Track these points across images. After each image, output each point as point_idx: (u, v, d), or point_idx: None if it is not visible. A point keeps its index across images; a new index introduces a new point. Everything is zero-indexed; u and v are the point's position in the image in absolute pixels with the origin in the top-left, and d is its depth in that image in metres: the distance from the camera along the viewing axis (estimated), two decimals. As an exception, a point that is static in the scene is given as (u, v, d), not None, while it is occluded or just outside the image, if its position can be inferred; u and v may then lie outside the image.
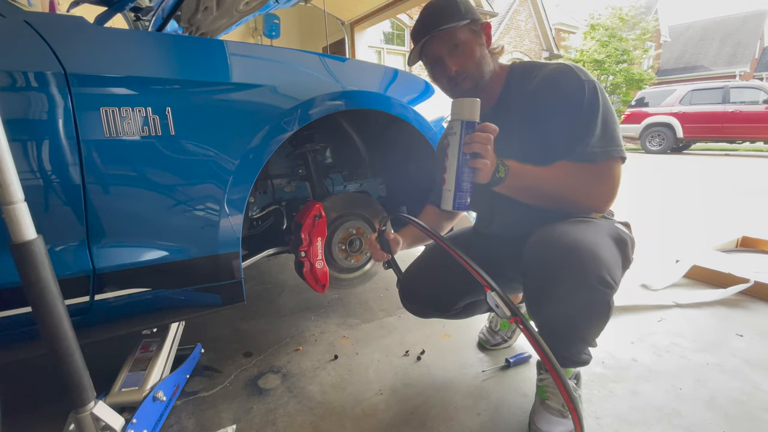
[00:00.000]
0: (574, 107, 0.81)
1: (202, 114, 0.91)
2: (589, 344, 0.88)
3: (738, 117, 7.47)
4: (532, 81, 0.87)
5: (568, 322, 0.82)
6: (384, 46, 8.50)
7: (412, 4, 5.04)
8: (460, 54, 0.88)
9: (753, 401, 0.98)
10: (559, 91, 0.83)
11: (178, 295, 0.97)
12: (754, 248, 2.15)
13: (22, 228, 0.62)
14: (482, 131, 0.76)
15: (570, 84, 0.81)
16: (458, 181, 0.78)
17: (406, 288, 1.07)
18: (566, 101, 0.82)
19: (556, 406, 0.89)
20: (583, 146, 0.80)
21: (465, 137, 0.76)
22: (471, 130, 0.76)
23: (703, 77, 15.94)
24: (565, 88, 0.82)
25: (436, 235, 0.81)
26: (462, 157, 0.77)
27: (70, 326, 0.67)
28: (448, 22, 0.85)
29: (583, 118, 0.80)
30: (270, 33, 4.28)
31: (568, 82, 0.82)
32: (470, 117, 0.77)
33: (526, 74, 0.89)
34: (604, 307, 0.78)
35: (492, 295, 0.71)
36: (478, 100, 0.77)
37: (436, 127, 1.35)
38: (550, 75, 0.85)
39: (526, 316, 1.08)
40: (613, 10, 14.04)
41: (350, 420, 0.95)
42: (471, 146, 0.76)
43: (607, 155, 0.80)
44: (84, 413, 0.71)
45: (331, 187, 1.55)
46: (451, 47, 0.88)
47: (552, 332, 0.87)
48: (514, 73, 0.93)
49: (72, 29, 0.83)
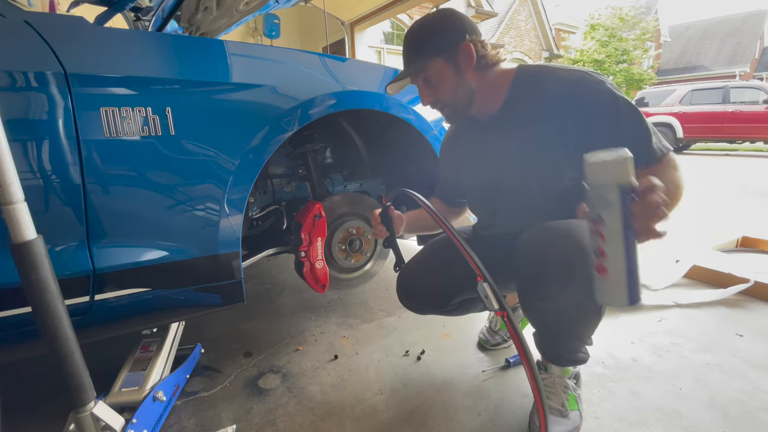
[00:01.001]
0: (612, 117, 0.76)
1: (202, 114, 0.91)
2: (584, 342, 0.89)
3: (738, 117, 7.47)
4: (546, 90, 0.82)
5: (559, 319, 0.83)
6: (384, 46, 8.49)
7: (412, 4, 5.04)
8: (432, 87, 0.88)
9: (753, 401, 0.98)
10: (590, 104, 0.77)
11: (178, 295, 0.97)
12: (754, 248, 2.15)
13: (22, 228, 0.62)
14: (652, 191, 0.55)
15: (598, 94, 0.77)
16: (630, 268, 0.56)
17: (404, 284, 1.07)
18: (601, 113, 0.76)
19: (555, 406, 0.89)
20: (645, 150, 0.74)
21: (630, 206, 0.55)
22: (631, 194, 0.55)
23: (703, 77, 15.94)
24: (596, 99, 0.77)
25: (437, 214, 0.80)
26: (630, 234, 0.56)
27: (70, 326, 0.67)
28: (415, 61, 0.86)
29: (630, 124, 0.75)
30: (270, 33, 4.28)
31: (594, 91, 0.77)
32: (627, 178, 0.55)
33: (536, 81, 0.84)
34: (594, 305, 0.78)
35: (483, 286, 0.71)
36: (630, 155, 0.55)
37: (436, 127, 1.35)
38: (570, 88, 0.79)
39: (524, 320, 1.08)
40: (613, 10, 14.04)
41: (350, 420, 0.95)
42: (649, 215, 0.55)
43: (666, 148, 0.76)
44: (84, 413, 0.71)
45: (331, 187, 1.55)
46: (422, 81, 0.88)
47: (546, 330, 0.88)
48: (521, 79, 0.88)
49: (72, 29, 0.83)
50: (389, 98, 1.24)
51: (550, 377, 0.92)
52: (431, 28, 0.86)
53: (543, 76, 0.84)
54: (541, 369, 0.95)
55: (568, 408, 0.88)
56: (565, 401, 0.89)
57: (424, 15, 0.91)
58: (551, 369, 0.92)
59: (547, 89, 0.81)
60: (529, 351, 0.67)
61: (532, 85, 0.85)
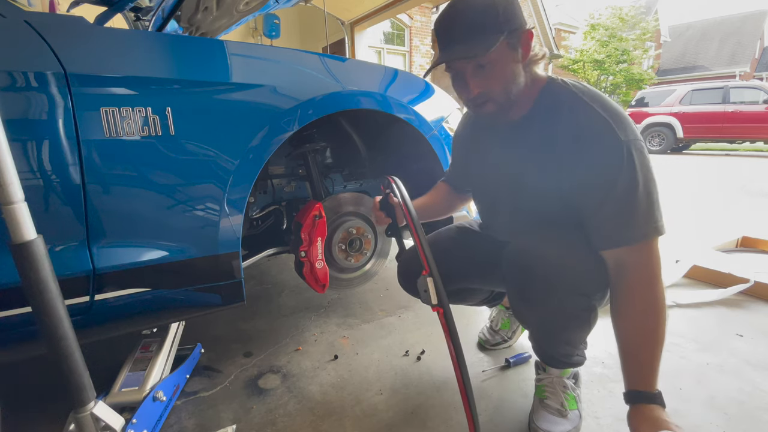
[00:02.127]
0: (603, 190, 0.70)
1: (202, 114, 0.91)
2: (577, 347, 0.88)
3: (738, 117, 7.47)
4: (563, 123, 0.75)
5: (548, 329, 0.84)
6: (384, 46, 8.49)
7: (412, 4, 5.04)
8: (486, 75, 0.74)
9: (753, 401, 0.98)
10: (593, 168, 0.71)
11: (178, 295, 0.97)
12: (754, 248, 2.15)
13: (22, 228, 0.62)
14: None
15: (608, 158, 0.69)
16: None
17: (405, 265, 1.07)
18: (598, 180, 0.71)
19: (555, 406, 0.89)
20: (619, 230, 0.71)
21: None
22: None
23: (703, 77, 15.95)
24: (602, 163, 0.70)
25: (408, 206, 0.80)
26: None
27: (70, 326, 0.67)
28: (479, 41, 0.70)
29: (615, 203, 0.70)
30: (270, 33, 4.27)
31: (605, 155, 0.69)
32: None
33: (559, 108, 0.76)
34: (580, 315, 0.78)
35: (426, 280, 0.71)
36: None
37: (436, 127, 1.35)
38: (586, 140, 0.71)
39: None
40: (613, 10, 14.06)
41: (350, 420, 0.95)
42: None
43: (645, 236, 0.69)
44: (84, 413, 0.71)
45: (331, 187, 1.55)
46: (476, 66, 0.74)
47: (538, 337, 0.89)
48: (547, 96, 0.79)
49: (72, 29, 0.83)
50: (389, 98, 1.24)
51: (549, 377, 0.92)
52: (494, 0, 0.71)
53: (567, 105, 0.75)
54: (540, 369, 0.95)
55: (567, 408, 0.88)
56: (565, 401, 0.89)
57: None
58: (550, 369, 0.92)
59: (565, 124, 0.74)
60: (461, 353, 0.67)
61: (553, 110, 0.77)
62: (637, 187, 0.69)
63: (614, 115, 0.71)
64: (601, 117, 0.71)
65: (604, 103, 0.73)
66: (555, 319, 0.80)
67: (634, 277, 0.72)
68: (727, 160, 6.98)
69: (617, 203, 0.70)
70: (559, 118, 0.75)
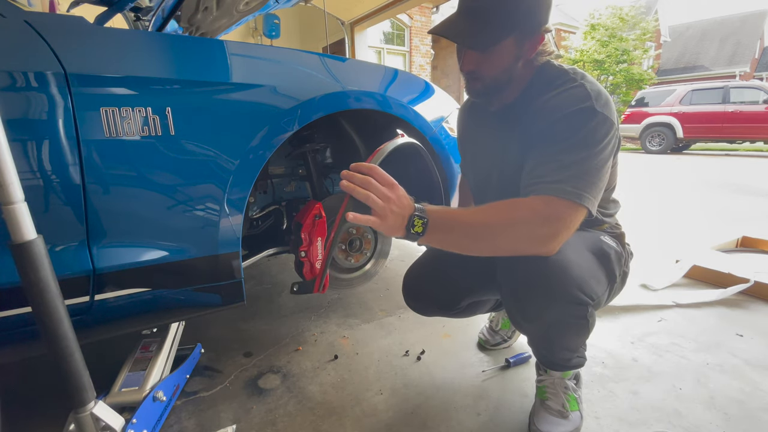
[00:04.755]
0: (565, 130, 0.70)
1: (202, 114, 0.91)
2: (576, 352, 0.87)
3: (738, 117, 7.48)
4: (548, 95, 0.76)
5: (545, 336, 0.83)
6: (384, 46, 8.50)
7: (412, 4, 5.05)
8: (484, 59, 0.76)
9: (753, 401, 0.98)
10: (559, 112, 0.72)
11: (178, 295, 0.97)
12: (754, 248, 2.15)
13: (22, 228, 0.62)
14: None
15: (578, 110, 0.70)
16: None
17: (411, 286, 1.05)
18: (560, 124, 0.71)
19: (555, 407, 0.89)
20: (544, 173, 0.69)
21: None
22: None
23: (703, 77, 15.96)
24: (568, 111, 0.71)
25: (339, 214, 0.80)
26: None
27: (70, 326, 0.67)
28: (487, 34, 0.72)
29: (566, 144, 0.69)
30: (270, 33, 4.27)
31: (576, 106, 0.70)
32: None
33: (548, 84, 0.78)
34: (580, 321, 0.77)
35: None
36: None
37: (436, 127, 1.35)
38: (562, 95, 0.74)
39: None
40: (613, 10, 14.06)
41: (350, 420, 0.95)
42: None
43: (565, 194, 0.66)
44: (84, 413, 0.71)
45: (331, 187, 1.55)
46: None
47: (536, 343, 0.88)
48: (538, 78, 0.81)
49: (72, 29, 0.83)
50: (389, 98, 1.24)
51: (550, 378, 0.92)
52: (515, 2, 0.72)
53: (556, 82, 0.77)
54: (541, 370, 0.95)
55: (568, 409, 0.88)
56: (566, 402, 0.89)
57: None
58: (551, 371, 0.92)
59: (550, 96, 0.76)
60: None
61: (540, 90, 0.79)
62: (596, 154, 0.68)
63: (598, 94, 0.72)
64: (584, 90, 0.72)
65: (593, 83, 0.75)
66: (553, 331, 0.79)
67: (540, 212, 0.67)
68: (727, 160, 6.98)
69: (569, 154, 0.69)
70: (547, 95, 0.77)
